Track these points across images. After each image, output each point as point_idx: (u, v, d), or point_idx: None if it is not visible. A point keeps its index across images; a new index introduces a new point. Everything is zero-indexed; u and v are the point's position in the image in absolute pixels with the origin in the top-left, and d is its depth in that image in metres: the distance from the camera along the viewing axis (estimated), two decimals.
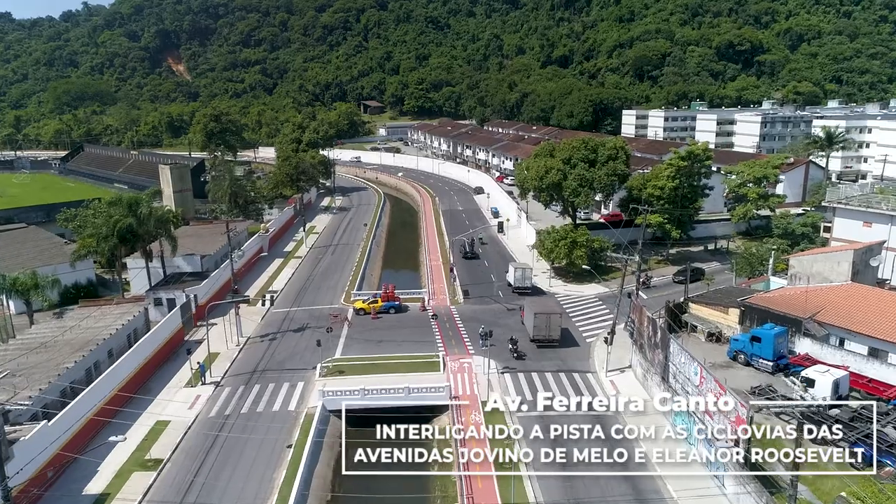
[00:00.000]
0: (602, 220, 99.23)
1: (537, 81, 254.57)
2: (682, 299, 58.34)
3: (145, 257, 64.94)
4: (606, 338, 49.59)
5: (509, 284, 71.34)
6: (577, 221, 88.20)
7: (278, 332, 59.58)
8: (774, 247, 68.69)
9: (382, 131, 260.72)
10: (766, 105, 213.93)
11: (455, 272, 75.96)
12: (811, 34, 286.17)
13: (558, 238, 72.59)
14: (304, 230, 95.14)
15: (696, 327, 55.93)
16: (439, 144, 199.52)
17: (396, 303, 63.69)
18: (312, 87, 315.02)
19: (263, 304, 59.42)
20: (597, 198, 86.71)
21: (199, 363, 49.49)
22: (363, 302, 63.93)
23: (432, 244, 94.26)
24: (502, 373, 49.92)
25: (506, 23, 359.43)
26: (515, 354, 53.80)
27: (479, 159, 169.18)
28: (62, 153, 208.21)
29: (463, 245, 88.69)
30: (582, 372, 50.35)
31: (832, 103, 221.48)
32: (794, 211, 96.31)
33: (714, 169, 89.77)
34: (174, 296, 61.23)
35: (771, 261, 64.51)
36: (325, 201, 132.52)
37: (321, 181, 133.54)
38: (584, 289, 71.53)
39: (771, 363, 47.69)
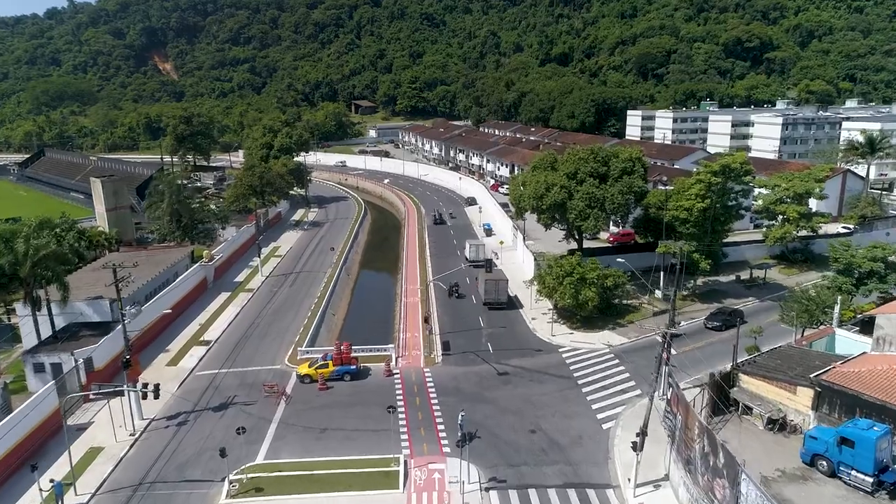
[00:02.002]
0: (610, 241, 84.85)
1: (536, 80, 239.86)
2: (728, 367, 43.70)
3: (31, 305, 50.29)
4: (634, 442, 34.70)
5: (466, 259, 79.09)
6: (585, 245, 73.93)
7: (192, 411, 44.88)
8: (839, 286, 54.20)
9: (372, 133, 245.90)
10: (780, 105, 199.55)
11: (431, 322, 60.45)
12: (822, 30, 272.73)
13: (562, 274, 57.78)
14: (259, 257, 79.70)
15: (750, 408, 41.44)
16: (431, 148, 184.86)
17: (353, 367, 48.76)
18: (302, 87, 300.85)
19: (144, 398, 41.07)
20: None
21: (52, 481, 34.62)
22: (310, 366, 49.04)
23: (411, 272, 79.54)
24: (487, 489, 35.32)
25: (503, 19, 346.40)
26: (456, 295, 66.48)
27: (472, 165, 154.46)
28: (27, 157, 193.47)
29: (434, 215, 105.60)
30: (599, 487, 35.77)
31: (849, 102, 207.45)
32: (832, 228, 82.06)
33: None
34: (60, 359, 46.60)
35: (837, 308, 50.10)
36: (298, 214, 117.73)
37: (295, 190, 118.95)
38: (595, 338, 56.90)
39: (871, 479, 33.34)
